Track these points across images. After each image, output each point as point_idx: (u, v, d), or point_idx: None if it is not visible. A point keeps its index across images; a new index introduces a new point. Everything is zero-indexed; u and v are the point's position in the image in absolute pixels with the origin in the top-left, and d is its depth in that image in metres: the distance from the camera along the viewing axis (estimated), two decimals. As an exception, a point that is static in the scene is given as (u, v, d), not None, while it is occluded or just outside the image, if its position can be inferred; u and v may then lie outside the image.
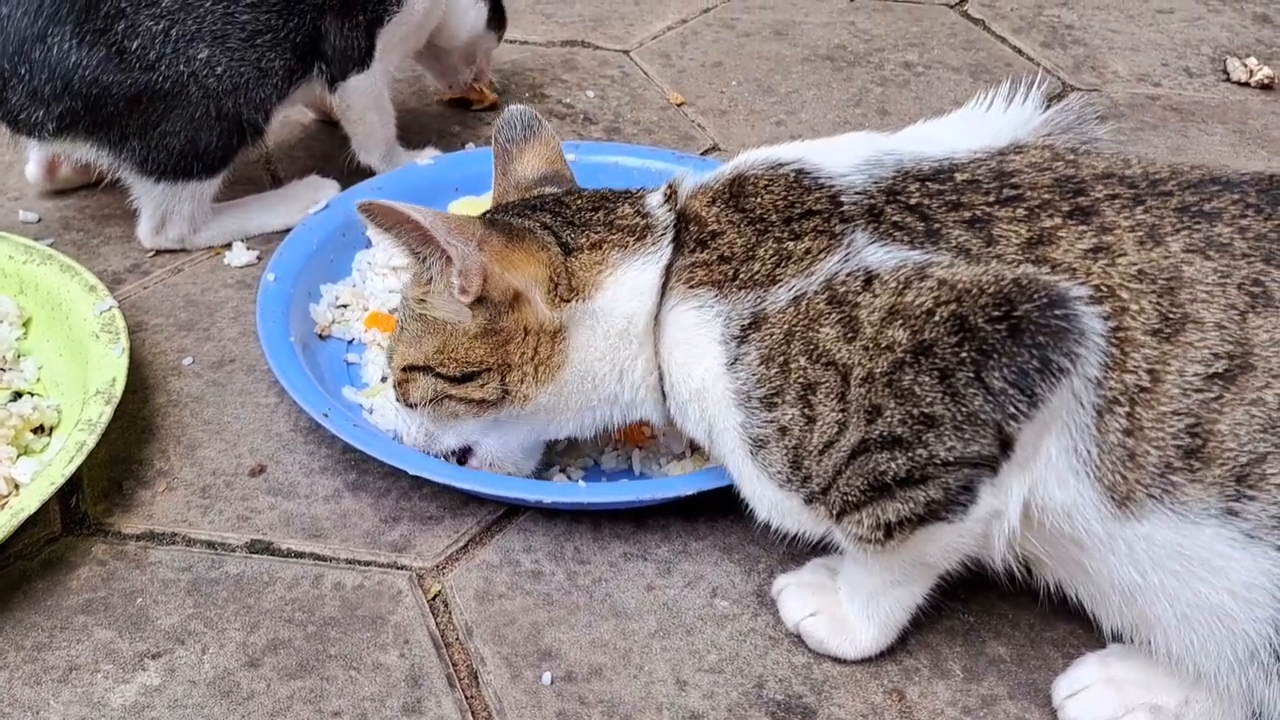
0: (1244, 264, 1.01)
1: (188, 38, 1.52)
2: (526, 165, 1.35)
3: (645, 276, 1.19)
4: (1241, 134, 2.09)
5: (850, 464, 1.07)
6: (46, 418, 1.40)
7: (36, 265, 1.54)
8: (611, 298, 1.19)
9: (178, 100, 1.55)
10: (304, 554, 1.31)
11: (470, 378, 1.23)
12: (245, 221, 1.74)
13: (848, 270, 1.07)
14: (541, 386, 1.22)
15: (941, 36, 2.37)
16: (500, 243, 1.19)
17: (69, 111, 1.53)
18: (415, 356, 1.25)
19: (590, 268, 1.20)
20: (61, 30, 1.49)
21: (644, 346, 1.20)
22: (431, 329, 1.23)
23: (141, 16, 1.51)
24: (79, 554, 1.30)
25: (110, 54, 1.51)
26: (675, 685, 1.19)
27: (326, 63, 1.66)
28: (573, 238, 1.21)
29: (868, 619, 1.21)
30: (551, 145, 1.37)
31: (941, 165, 1.12)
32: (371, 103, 1.75)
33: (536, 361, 1.21)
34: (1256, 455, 0.98)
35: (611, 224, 1.22)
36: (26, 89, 1.52)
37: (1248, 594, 1.00)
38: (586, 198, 1.26)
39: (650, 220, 1.21)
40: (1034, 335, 0.98)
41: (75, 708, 1.15)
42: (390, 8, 1.68)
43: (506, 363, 1.21)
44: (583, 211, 1.24)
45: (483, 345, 1.21)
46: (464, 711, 1.16)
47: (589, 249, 1.20)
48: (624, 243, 1.20)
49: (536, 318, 1.20)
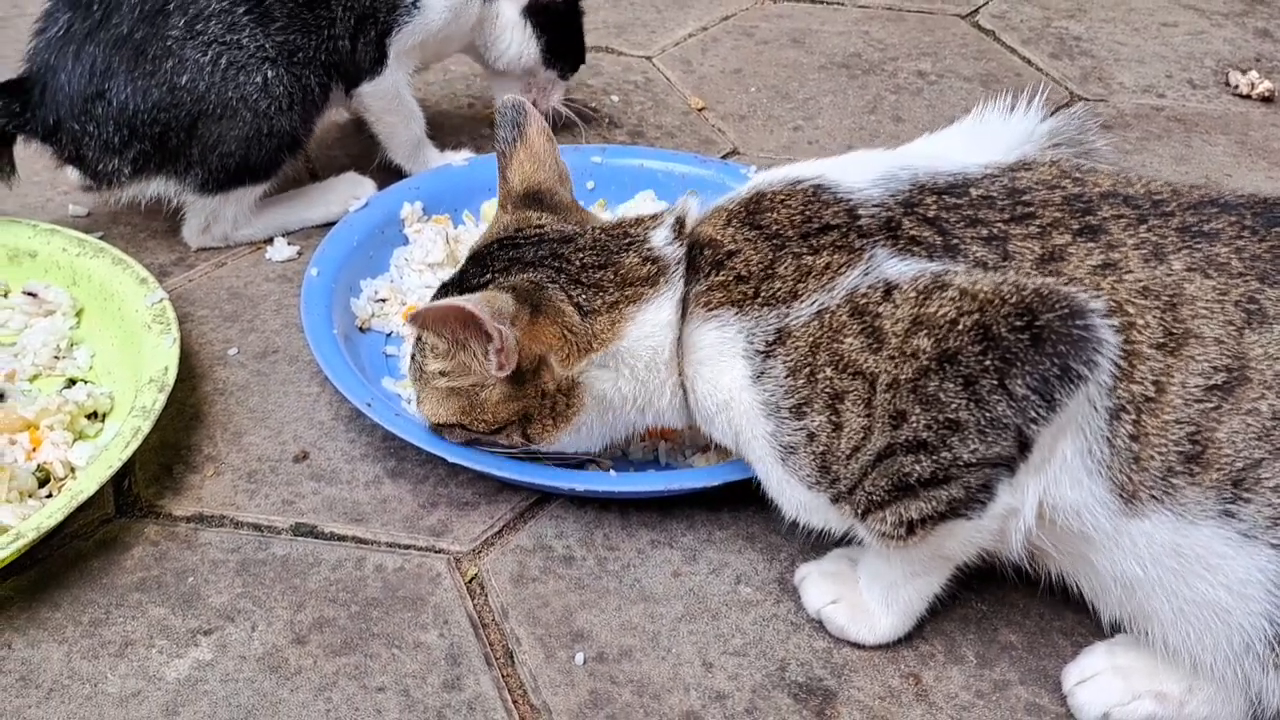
0: (1240, 282, 1.05)
1: (238, 65, 1.59)
2: (515, 176, 1.35)
3: (663, 314, 1.21)
4: (1243, 145, 2.14)
5: (876, 466, 1.11)
6: (100, 404, 1.46)
7: (89, 258, 1.60)
8: (633, 339, 1.22)
9: (231, 123, 1.62)
10: (346, 537, 1.36)
11: (497, 431, 1.29)
12: (286, 217, 1.80)
13: (868, 283, 1.10)
14: (560, 431, 1.28)
15: (953, 46, 2.42)
16: (527, 316, 1.21)
17: (140, 154, 1.62)
18: (444, 416, 1.31)
19: (608, 327, 1.22)
20: (116, 82, 1.57)
21: (671, 370, 1.23)
22: (456, 394, 1.28)
23: (188, 51, 1.58)
24: (132, 535, 1.35)
25: (164, 92, 1.58)
26: (702, 667, 1.24)
27: (341, 72, 1.72)
28: (586, 300, 1.22)
29: (887, 607, 1.25)
30: (537, 148, 1.35)
31: (955, 180, 1.15)
32: (389, 105, 1.80)
33: (555, 414, 1.26)
34: (1252, 461, 1.03)
35: (623, 281, 1.23)
36: (98, 143, 1.60)
37: (1243, 589, 1.05)
38: (589, 251, 1.25)
39: (660, 263, 1.22)
40: (1055, 344, 1.02)
41: (131, 680, 1.20)
42: (401, 18, 1.72)
43: (527, 416, 1.27)
44: (589, 270, 1.24)
45: (506, 408, 1.27)
46: (500, 689, 1.21)
47: (606, 311, 1.22)
48: (638, 295, 1.22)
49: (553, 378, 1.24)
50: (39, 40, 1.62)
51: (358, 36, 1.69)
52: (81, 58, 1.57)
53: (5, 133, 1.61)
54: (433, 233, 1.69)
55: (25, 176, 1.66)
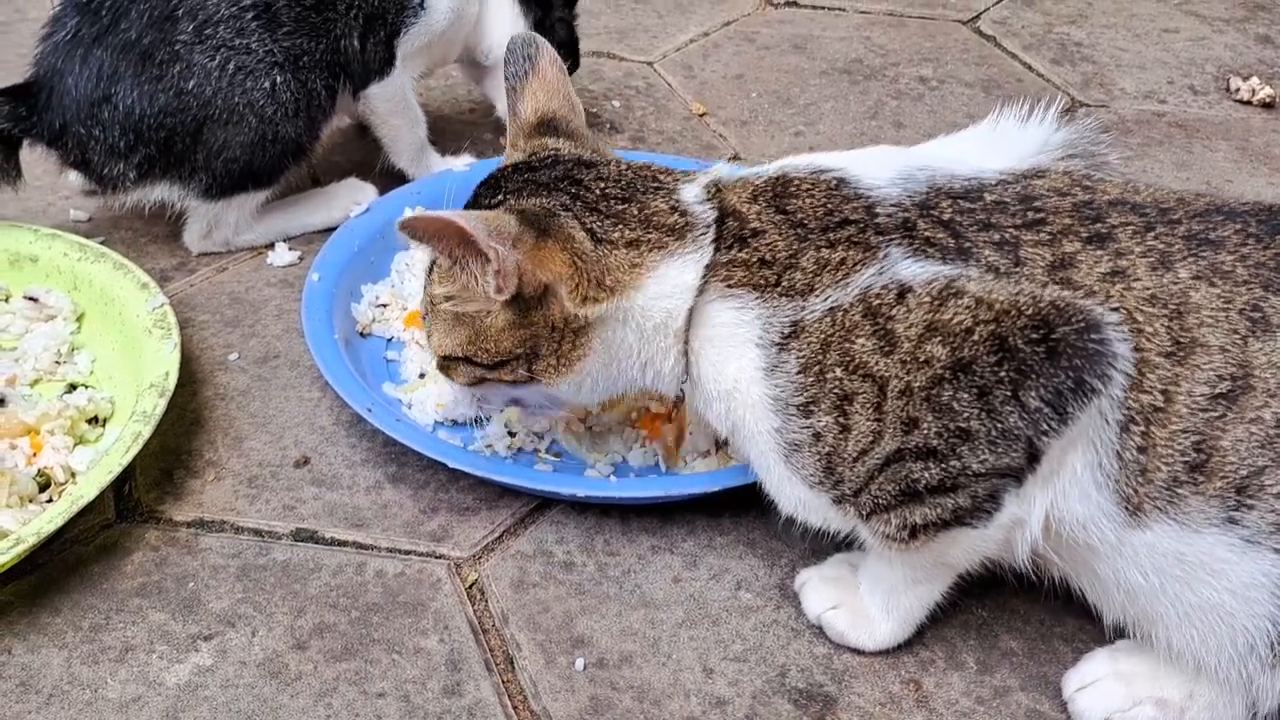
0: (1245, 290, 1.06)
1: (246, 70, 1.60)
2: (527, 106, 1.30)
3: (686, 276, 1.16)
4: (1244, 151, 2.14)
5: (883, 471, 1.10)
6: (100, 409, 1.46)
7: (90, 263, 1.60)
8: (651, 296, 1.17)
9: (237, 128, 1.62)
10: (347, 542, 1.36)
11: (501, 364, 1.23)
12: (287, 222, 1.80)
13: (882, 283, 1.09)
14: (564, 375, 1.22)
15: (955, 52, 2.42)
16: (531, 239, 1.15)
17: (146, 159, 1.62)
18: (450, 347, 1.25)
19: (626, 268, 1.16)
20: (122, 86, 1.57)
21: (678, 339, 1.18)
22: (462, 321, 1.23)
23: (196, 55, 1.58)
24: (133, 540, 1.35)
25: (170, 97, 1.59)
26: (702, 673, 1.24)
27: (349, 74, 1.72)
28: (601, 229, 1.17)
29: (887, 613, 1.25)
30: (550, 79, 1.31)
31: (971, 184, 1.15)
32: (395, 108, 1.80)
33: (560, 354, 1.21)
34: (1256, 468, 1.03)
35: (648, 221, 1.18)
36: (104, 147, 1.61)
37: (1247, 593, 1.05)
38: (611, 182, 1.21)
39: (690, 219, 1.17)
40: (1071, 358, 1.02)
41: (132, 686, 1.20)
42: (408, 19, 1.73)
43: (534, 351, 1.22)
44: (610, 200, 1.19)
45: (510, 337, 1.20)
46: (501, 694, 1.21)
47: (624, 246, 1.17)
48: (662, 243, 1.16)
49: (563, 312, 1.17)
50: (46, 44, 1.62)
51: (366, 37, 1.69)
52: (89, 62, 1.57)
53: (11, 137, 1.61)
54: (434, 238, 1.69)
55: (27, 181, 1.66)
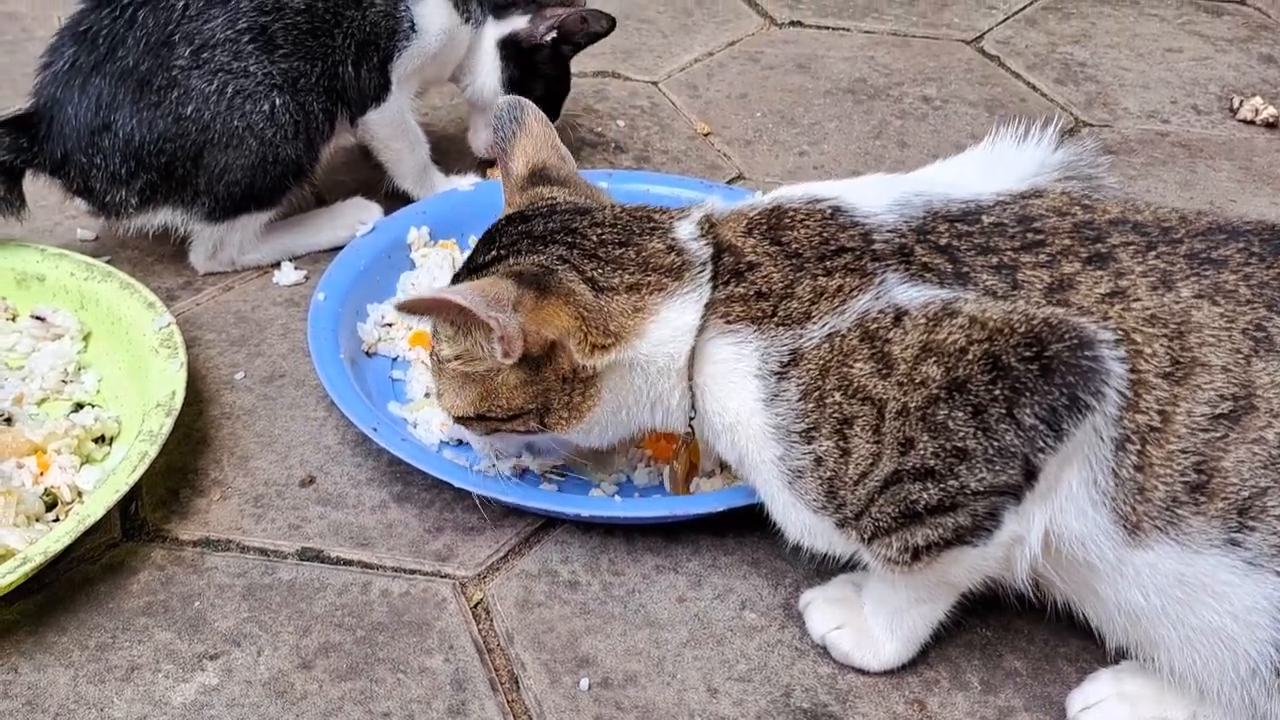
0: (1248, 310, 1.06)
1: (244, 93, 1.60)
2: (518, 162, 1.33)
3: (686, 317, 1.17)
4: (1247, 171, 2.14)
5: (883, 493, 1.11)
6: (107, 428, 1.47)
7: (97, 282, 1.60)
8: (654, 341, 1.18)
9: (238, 151, 1.63)
10: (352, 562, 1.37)
11: (514, 418, 1.25)
12: (293, 242, 1.80)
13: (879, 308, 1.10)
14: (575, 424, 1.24)
15: (958, 72, 2.43)
16: (532, 300, 1.16)
17: (148, 185, 1.63)
18: (463, 408, 1.27)
19: (629, 313, 1.18)
20: (122, 114, 1.59)
21: (682, 378, 1.20)
22: (472, 379, 1.25)
23: (194, 80, 1.59)
24: (139, 559, 1.36)
25: (169, 123, 1.60)
26: (707, 692, 1.25)
27: (346, 101, 1.72)
28: (602, 276, 1.19)
29: (891, 633, 1.25)
30: (536, 133, 1.34)
31: (968, 207, 1.16)
32: (395, 132, 1.81)
33: (571, 405, 1.23)
34: (1258, 489, 1.03)
35: (645, 264, 1.19)
36: (105, 175, 1.62)
37: (1249, 617, 1.05)
38: (607, 228, 1.23)
39: (686, 256, 1.19)
40: (1064, 375, 1.03)
41: (138, 705, 1.21)
42: (400, 43, 1.74)
43: (546, 405, 1.23)
44: (607, 246, 1.21)
45: (522, 394, 1.22)
46: (506, 714, 1.21)
47: (625, 291, 1.18)
48: (661, 285, 1.18)
49: (572, 364, 1.19)
50: (45, 74, 1.63)
51: (360, 63, 1.70)
52: (87, 91, 1.58)
53: (14, 167, 1.62)
54: (439, 257, 1.70)
55: (33, 202, 1.67)
